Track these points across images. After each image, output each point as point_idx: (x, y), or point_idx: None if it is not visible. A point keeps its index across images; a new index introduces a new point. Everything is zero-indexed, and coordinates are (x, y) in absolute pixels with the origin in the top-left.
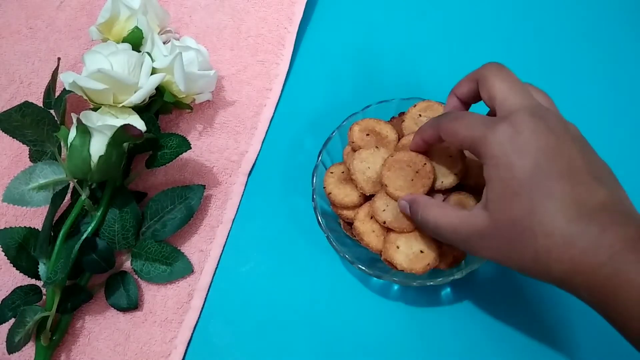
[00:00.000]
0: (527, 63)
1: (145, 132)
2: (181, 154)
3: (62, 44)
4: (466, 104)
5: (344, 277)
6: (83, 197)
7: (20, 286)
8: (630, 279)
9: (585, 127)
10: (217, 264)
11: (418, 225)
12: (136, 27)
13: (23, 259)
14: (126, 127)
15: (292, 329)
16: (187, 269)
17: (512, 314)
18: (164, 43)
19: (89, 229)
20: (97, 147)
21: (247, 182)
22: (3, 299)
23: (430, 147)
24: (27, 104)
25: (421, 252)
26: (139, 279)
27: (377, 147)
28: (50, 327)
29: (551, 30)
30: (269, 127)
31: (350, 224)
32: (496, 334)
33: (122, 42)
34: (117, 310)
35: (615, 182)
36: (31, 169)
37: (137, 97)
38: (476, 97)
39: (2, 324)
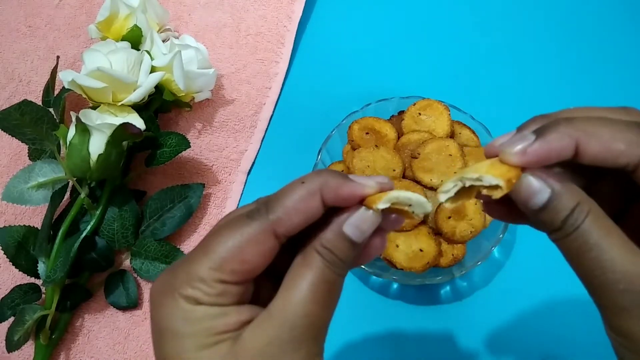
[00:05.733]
0: (527, 62)
1: (145, 130)
2: (180, 152)
3: (61, 42)
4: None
5: None
6: (82, 195)
7: (20, 285)
8: None
9: None
10: None
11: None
12: (135, 26)
13: (22, 258)
14: (125, 126)
15: None
16: None
17: (511, 313)
18: (163, 41)
19: (89, 227)
20: (97, 145)
21: (246, 180)
22: (2, 298)
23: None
24: (26, 103)
25: (420, 250)
26: (139, 278)
27: (376, 145)
28: (49, 326)
29: (550, 28)
30: (268, 126)
31: None
32: (495, 332)
33: (121, 40)
34: (117, 309)
35: None
36: (30, 168)
37: (136, 96)
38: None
39: (1, 322)
